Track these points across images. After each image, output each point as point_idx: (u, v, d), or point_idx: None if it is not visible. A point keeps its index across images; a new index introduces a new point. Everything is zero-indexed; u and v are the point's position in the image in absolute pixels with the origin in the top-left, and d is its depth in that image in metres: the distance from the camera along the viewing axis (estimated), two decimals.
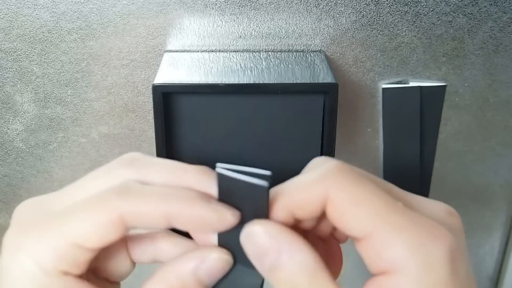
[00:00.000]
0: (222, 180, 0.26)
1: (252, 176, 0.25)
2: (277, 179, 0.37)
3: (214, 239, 0.27)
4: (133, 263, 0.29)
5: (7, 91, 0.43)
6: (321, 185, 0.25)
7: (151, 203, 0.25)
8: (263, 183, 0.25)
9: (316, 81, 0.34)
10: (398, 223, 0.24)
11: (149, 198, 0.25)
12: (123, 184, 0.26)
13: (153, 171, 0.27)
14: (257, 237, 0.25)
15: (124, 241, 0.29)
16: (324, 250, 0.30)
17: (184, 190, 0.26)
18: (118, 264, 0.28)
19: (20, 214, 0.27)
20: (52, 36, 0.40)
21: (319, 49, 0.41)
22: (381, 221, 0.24)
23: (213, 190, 0.26)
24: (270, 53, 0.40)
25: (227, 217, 0.25)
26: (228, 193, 0.26)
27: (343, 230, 0.25)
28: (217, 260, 0.27)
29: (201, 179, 0.26)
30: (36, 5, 0.39)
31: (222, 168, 0.25)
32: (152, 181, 0.26)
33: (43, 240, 0.25)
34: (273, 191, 0.27)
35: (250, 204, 0.26)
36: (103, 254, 0.27)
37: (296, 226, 0.27)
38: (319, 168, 0.26)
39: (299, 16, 0.40)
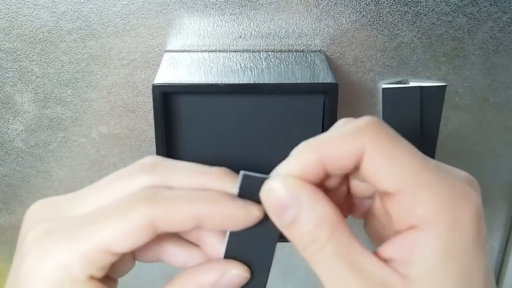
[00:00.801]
0: (246, 182, 0.27)
1: None
2: None
3: (222, 247, 0.28)
4: (134, 261, 0.30)
5: (7, 91, 0.43)
6: (358, 139, 0.25)
7: (180, 207, 0.25)
8: None
9: (316, 81, 0.34)
10: (430, 181, 0.25)
11: (178, 202, 0.26)
12: (150, 190, 0.26)
13: (176, 175, 0.27)
14: (277, 192, 0.25)
15: None
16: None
17: (210, 192, 0.27)
18: (121, 262, 0.28)
19: (37, 216, 0.27)
20: (52, 36, 0.40)
21: (319, 49, 0.41)
22: (414, 178, 0.25)
23: (235, 190, 0.27)
24: (270, 53, 0.40)
25: (254, 212, 0.26)
26: (249, 195, 0.27)
27: (375, 184, 0.26)
28: (237, 277, 0.27)
29: (223, 180, 0.27)
30: (36, 5, 0.39)
31: (246, 172, 0.26)
32: (175, 185, 0.27)
33: (72, 246, 0.25)
34: (306, 143, 0.27)
35: None
36: None
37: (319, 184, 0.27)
38: (354, 122, 0.26)
39: (299, 16, 0.40)
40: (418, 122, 0.43)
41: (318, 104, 0.35)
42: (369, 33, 0.40)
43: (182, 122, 0.36)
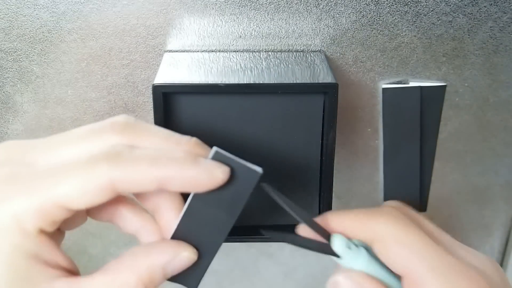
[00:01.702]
0: (217, 158, 0.27)
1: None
2: (277, 178, 0.37)
3: (175, 222, 0.28)
4: (86, 218, 0.30)
5: (7, 91, 0.43)
6: (371, 220, 0.29)
7: (142, 168, 0.25)
8: (258, 169, 0.27)
9: (316, 81, 0.34)
10: (434, 264, 0.27)
11: (140, 163, 0.25)
12: (113, 149, 0.26)
13: (145, 139, 0.27)
14: (343, 285, 0.29)
15: None
16: None
17: (174, 152, 0.26)
18: (73, 217, 0.28)
19: (2, 159, 0.27)
20: (52, 36, 0.40)
21: (319, 49, 0.41)
22: (418, 261, 0.27)
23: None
24: (270, 53, 0.40)
25: (218, 174, 0.26)
26: None
27: (387, 265, 0.28)
28: (186, 259, 0.28)
29: (193, 149, 0.27)
30: (36, 5, 0.39)
31: (219, 149, 0.27)
32: (142, 147, 0.27)
33: (27, 199, 0.25)
34: (331, 212, 0.30)
35: (235, 188, 0.27)
36: None
37: None
38: (375, 208, 0.30)
39: (299, 16, 0.40)
40: (418, 122, 0.43)
41: (318, 104, 0.35)
42: (369, 33, 0.40)
43: (182, 122, 0.36)
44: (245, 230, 0.38)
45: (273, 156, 0.37)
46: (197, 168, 0.26)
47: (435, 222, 0.32)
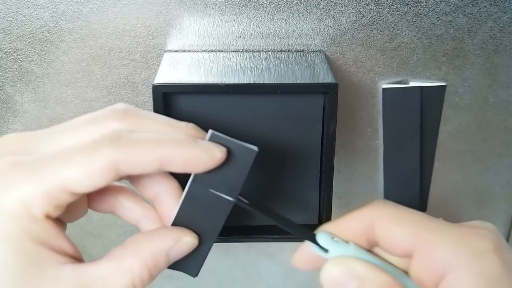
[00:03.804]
0: (214, 140, 0.28)
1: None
2: (277, 178, 0.37)
3: (176, 209, 0.29)
4: (87, 209, 0.30)
5: (7, 91, 0.43)
6: (366, 213, 0.29)
7: (143, 148, 0.26)
8: (254, 147, 0.28)
9: (316, 81, 0.34)
10: (439, 229, 0.27)
11: (142, 144, 0.26)
12: (115, 132, 0.26)
13: (145, 125, 0.28)
14: (334, 272, 0.28)
15: None
16: None
17: (174, 134, 0.27)
18: (75, 207, 0.29)
19: (4, 150, 0.27)
20: (52, 36, 0.40)
21: (319, 49, 0.41)
22: (424, 229, 0.27)
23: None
24: (270, 53, 0.40)
25: (216, 153, 0.27)
26: None
27: (392, 250, 0.28)
28: (188, 243, 0.29)
29: (191, 132, 0.28)
30: (36, 5, 0.39)
31: (215, 131, 0.28)
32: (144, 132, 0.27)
33: (34, 183, 0.25)
34: (324, 225, 0.30)
35: (232, 168, 0.28)
36: None
37: None
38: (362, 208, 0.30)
39: (299, 16, 0.40)
40: (418, 122, 0.43)
41: (318, 104, 0.35)
42: (369, 33, 0.40)
43: None
44: (245, 230, 0.38)
45: (273, 156, 0.37)
46: (197, 148, 0.27)
47: None
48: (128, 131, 0.27)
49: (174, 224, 0.29)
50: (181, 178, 0.30)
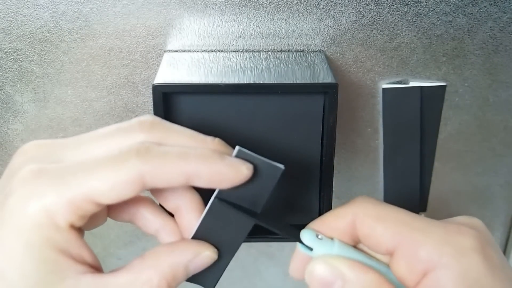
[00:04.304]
0: (240, 156, 0.28)
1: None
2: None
3: (197, 223, 0.29)
4: (106, 218, 0.30)
5: (7, 91, 0.43)
6: (349, 210, 0.28)
7: (170, 162, 0.26)
8: (280, 165, 0.28)
9: (316, 81, 0.34)
10: (423, 227, 0.26)
11: (169, 157, 0.26)
12: (142, 145, 0.26)
13: (172, 137, 0.27)
14: (318, 271, 0.28)
15: None
16: None
17: (201, 149, 0.27)
18: (95, 217, 0.29)
19: (30, 156, 0.27)
20: (52, 36, 0.40)
21: (319, 49, 0.41)
22: (407, 228, 0.26)
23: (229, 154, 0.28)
24: (270, 53, 0.40)
25: (243, 170, 0.27)
26: None
27: (375, 248, 0.28)
28: (208, 258, 0.29)
29: (218, 148, 0.28)
30: (36, 5, 0.39)
31: (242, 148, 0.28)
32: (171, 145, 0.27)
33: (60, 192, 0.25)
34: (309, 224, 0.30)
35: (257, 185, 0.28)
36: None
37: None
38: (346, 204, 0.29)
39: (299, 16, 0.40)
40: (418, 122, 0.43)
41: (318, 104, 0.35)
42: (369, 33, 0.40)
43: (182, 122, 0.35)
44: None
45: (273, 156, 0.37)
46: (224, 164, 0.27)
47: None
48: (155, 144, 0.26)
49: (195, 237, 0.29)
50: (203, 192, 0.29)
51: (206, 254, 0.28)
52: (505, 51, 0.41)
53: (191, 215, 0.29)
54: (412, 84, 0.42)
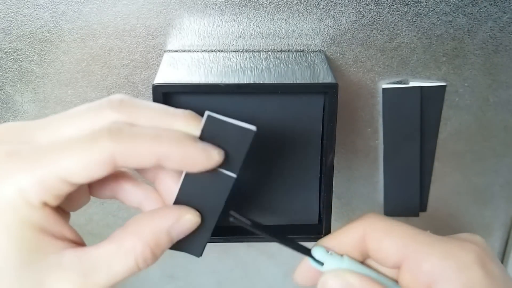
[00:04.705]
0: (210, 123, 0.28)
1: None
2: (277, 178, 0.37)
3: (176, 188, 0.29)
4: (89, 197, 0.30)
5: (7, 91, 0.43)
6: (359, 227, 0.30)
7: (142, 144, 0.26)
8: (252, 127, 0.28)
9: (316, 81, 0.34)
10: (427, 242, 0.28)
11: (140, 139, 0.26)
12: (114, 125, 0.26)
13: (142, 114, 0.27)
14: (329, 285, 0.29)
15: None
16: None
17: (173, 132, 0.27)
18: (76, 196, 0.29)
19: (1, 139, 0.27)
20: (52, 36, 0.40)
21: (319, 49, 0.41)
22: (413, 242, 0.28)
23: (198, 131, 0.28)
24: (270, 53, 0.40)
25: (214, 156, 0.27)
26: (211, 136, 0.28)
27: (383, 262, 0.29)
28: (190, 221, 0.29)
29: (188, 121, 0.28)
30: (36, 5, 0.39)
31: (211, 113, 0.28)
32: (140, 123, 0.27)
33: (31, 172, 0.25)
34: (321, 240, 0.32)
35: (232, 148, 0.28)
36: None
37: None
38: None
39: (299, 16, 0.40)
40: (418, 122, 0.43)
41: (318, 104, 0.35)
42: (369, 33, 0.40)
43: None
44: (245, 230, 0.38)
45: (273, 156, 0.37)
46: (195, 148, 0.27)
47: (435, 222, 0.32)
48: (127, 124, 0.27)
49: (176, 203, 0.29)
50: None
51: (188, 218, 0.28)
52: (505, 51, 0.41)
53: (170, 181, 0.29)
54: (412, 84, 0.42)
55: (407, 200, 0.47)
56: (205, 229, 0.30)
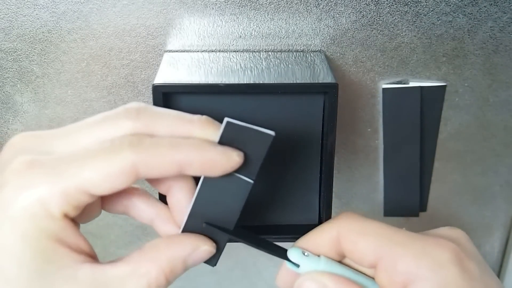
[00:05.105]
0: (229, 129, 0.28)
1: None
2: (277, 178, 0.37)
3: (191, 198, 0.29)
4: (101, 211, 0.30)
5: (7, 91, 0.43)
6: (333, 226, 0.30)
7: (162, 152, 0.26)
8: (270, 132, 0.28)
9: (316, 81, 0.34)
10: (402, 241, 0.28)
11: (160, 148, 0.26)
12: (135, 135, 0.26)
13: (159, 123, 0.28)
14: (307, 287, 0.29)
15: None
16: None
17: (192, 139, 0.27)
18: (90, 208, 0.29)
19: (19, 148, 0.27)
20: (52, 36, 0.40)
21: (319, 49, 0.41)
22: (387, 242, 0.28)
23: (217, 137, 0.28)
24: (270, 53, 0.40)
25: (234, 158, 0.27)
26: (230, 142, 0.28)
27: (359, 262, 0.29)
28: (206, 252, 0.29)
29: (205, 127, 0.28)
30: (36, 5, 0.39)
31: (230, 119, 0.28)
32: (158, 131, 0.27)
33: (53, 182, 0.25)
34: (297, 241, 0.31)
35: (250, 153, 0.28)
36: None
37: None
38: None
39: (299, 16, 0.40)
40: (418, 122, 0.43)
41: (318, 104, 0.35)
42: (369, 33, 0.40)
43: None
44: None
45: (273, 156, 0.37)
46: (215, 152, 0.27)
47: (435, 222, 0.32)
48: (146, 135, 0.27)
49: (193, 210, 0.29)
50: None
51: (204, 249, 0.29)
52: (505, 51, 0.41)
53: (182, 196, 0.30)
54: (412, 84, 0.42)
55: (407, 200, 0.47)
56: (221, 241, 0.30)
